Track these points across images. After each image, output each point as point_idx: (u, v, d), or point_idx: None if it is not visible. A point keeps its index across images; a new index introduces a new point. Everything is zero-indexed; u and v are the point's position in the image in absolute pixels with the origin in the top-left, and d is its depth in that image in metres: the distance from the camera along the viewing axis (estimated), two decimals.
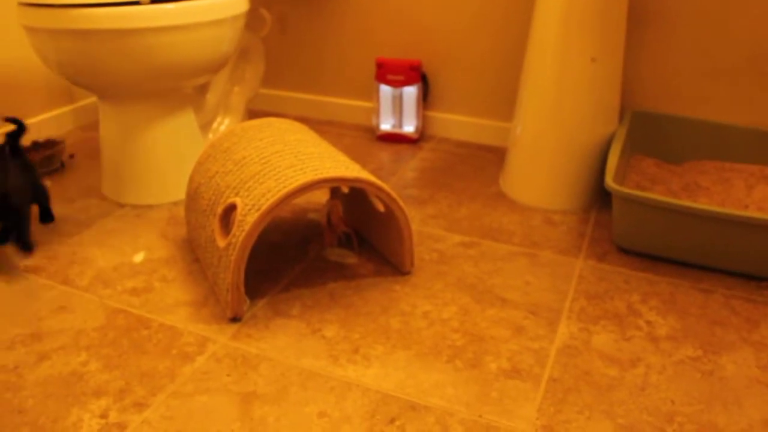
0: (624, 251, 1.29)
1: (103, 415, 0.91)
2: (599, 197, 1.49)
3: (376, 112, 1.85)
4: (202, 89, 1.65)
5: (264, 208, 1.00)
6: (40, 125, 1.91)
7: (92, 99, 2.08)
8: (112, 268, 1.26)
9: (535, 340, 1.04)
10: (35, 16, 1.27)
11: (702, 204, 1.16)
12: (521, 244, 1.32)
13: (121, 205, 1.50)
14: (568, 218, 1.42)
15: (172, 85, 1.39)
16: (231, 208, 1.08)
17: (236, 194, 1.07)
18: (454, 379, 0.96)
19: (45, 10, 1.25)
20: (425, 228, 1.38)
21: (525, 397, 0.93)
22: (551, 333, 1.06)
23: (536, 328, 1.07)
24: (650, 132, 1.57)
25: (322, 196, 1.52)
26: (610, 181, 1.23)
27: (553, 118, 1.39)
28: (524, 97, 1.45)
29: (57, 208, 1.50)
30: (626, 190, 1.20)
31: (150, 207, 1.48)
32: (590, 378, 0.96)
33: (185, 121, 1.48)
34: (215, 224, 1.09)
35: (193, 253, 1.29)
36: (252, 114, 2.09)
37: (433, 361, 1.00)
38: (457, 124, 1.85)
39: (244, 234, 1.00)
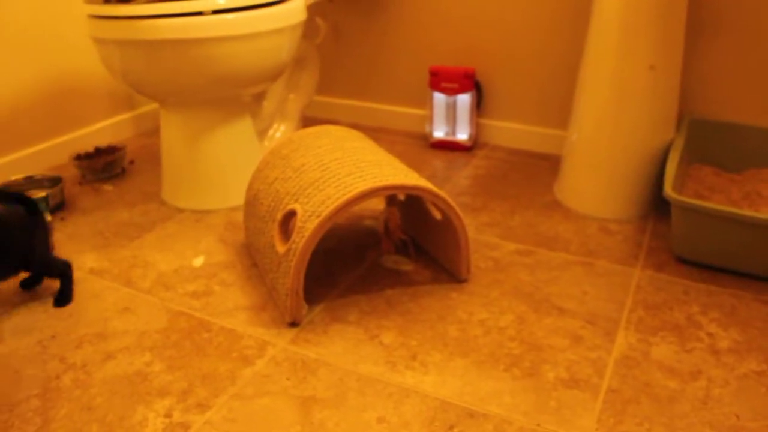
0: (683, 261, 1.27)
1: (167, 415, 0.94)
2: (656, 206, 1.48)
3: (430, 119, 1.86)
4: (259, 97, 1.68)
5: (324, 215, 1.01)
6: (102, 132, 1.97)
7: (151, 106, 2.13)
8: (172, 271, 1.29)
9: (593, 350, 1.04)
10: (103, 27, 1.31)
11: (763, 213, 1.13)
12: (577, 252, 1.31)
13: (180, 210, 1.54)
14: (625, 227, 1.41)
15: (232, 93, 1.42)
16: (290, 215, 1.10)
17: (296, 201, 1.08)
18: (511, 388, 0.96)
19: (112, 21, 1.29)
20: (480, 236, 1.38)
21: (584, 407, 0.93)
22: (609, 343, 1.05)
23: (594, 338, 1.06)
24: (709, 140, 1.54)
25: (377, 203, 1.54)
26: (669, 189, 1.21)
27: (610, 126, 1.38)
28: (580, 105, 1.44)
29: (118, 212, 1.54)
30: (685, 199, 1.18)
31: (208, 212, 1.52)
32: (650, 390, 0.95)
33: (243, 128, 1.51)
34: (275, 230, 1.11)
35: (251, 258, 1.31)
36: (306, 121, 2.12)
37: (491, 369, 1.00)
38: (511, 131, 1.85)
39: (304, 240, 1.02)
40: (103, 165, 1.72)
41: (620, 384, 0.96)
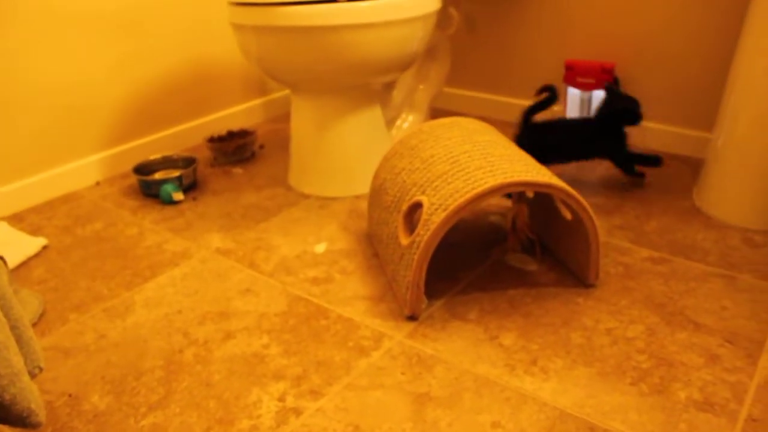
0: None
1: (281, 399, 0.94)
2: None
3: (563, 115, 1.79)
4: (389, 86, 1.67)
5: (451, 208, 0.98)
6: (235, 116, 2.03)
7: (283, 92, 2.17)
8: (295, 256, 1.30)
9: (731, 372, 0.95)
10: (242, 14, 1.34)
11: None
12: (717, 264, 1.22)
13: (306, 196, 1.55)
14: None
15: (363, 81, 1.42)
16: (416, 206, 1.08)
17: (422, 192, 1.06)
18: (638, 404, 0.90)
19: (251, 8, 1.32)
20: (611, 239, 1.31)
21: None
22: (751, 366, 0.96)
23: (733, 359, 0.98)
24: None
25: (503, 200, 1.49)
26: None
27: (765, 129, 1.27)
28: (730, 105, 1.33)
29: (246, 195, 1.58)
30: None
31: (333, 199, 1.52)
32: None
33: (373, 116, 1.51)
34: (399, 221, 1.09)
35: (373, 247, 1.30)
36: (435, 112, 2.09)
37: (616, 381, 0.94)
38: (649, 131, 1.75)
39: (429, 233, 1.00)
40: (234, 148, 1.76)
41: (763, 413, 0.88)
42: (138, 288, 1.23)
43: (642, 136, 1.75)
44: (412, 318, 1.09)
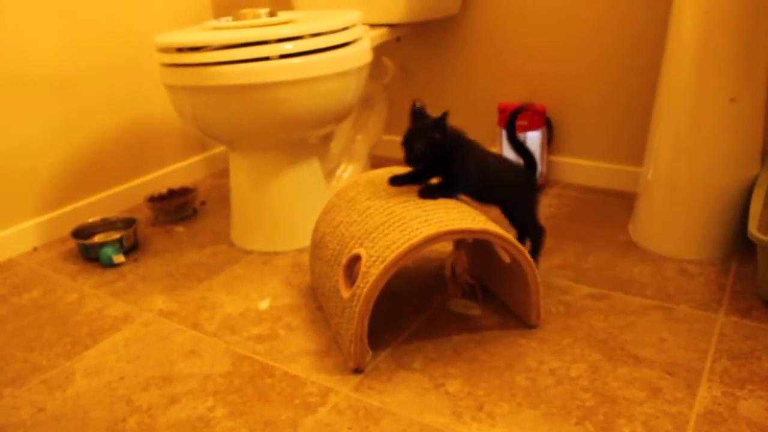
0: None
1: None
2: (740, 246, 1.39)
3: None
4: (327, 138, 1.68)
5: (388, 260, 0.99)
6: (176, 173, 2.01)
7: (223, 147, 2.17)
8: (239, 314, 1.29)
9: (672, 403, 0.97)
10: (174, 75, 1.35)
11: None
12: (655, 297, 1.25)
13: (248, 252, 1.54)
14: (706, 269, 1.33)
15: (299, 136, 1.43)
16: (355, 259, 1.08)
17: (360, 245, 1.07)
18: None
19: (183, 69, 1.32)
20: (552, 279, 1.33)
21: None
22: (690, 396, 0.98)
23: (674, 391, 1.00)
24: None
25: (445, 246, 1.51)
26: (753, 229, 1.14)
27: (689, 162, 1.32)
28: (656, 140, 1.38)
29: (189, 254, 1.56)
30: None
31: (276, 254, 1.52)
32: None
33: (311, 169, 1.51)
34: (339, 274, 1.09)
35: (317, 301, 1.30)
36: (374, 160, 2.11)
37: (561, 422, 0.95)
38: (583, 168, 1.80)
39: (368, 286, 1.00)
40: (176, 206, 1.75)
41: None
42: (78, 356, 1.20)
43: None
44: (357, 371, 1.09)
